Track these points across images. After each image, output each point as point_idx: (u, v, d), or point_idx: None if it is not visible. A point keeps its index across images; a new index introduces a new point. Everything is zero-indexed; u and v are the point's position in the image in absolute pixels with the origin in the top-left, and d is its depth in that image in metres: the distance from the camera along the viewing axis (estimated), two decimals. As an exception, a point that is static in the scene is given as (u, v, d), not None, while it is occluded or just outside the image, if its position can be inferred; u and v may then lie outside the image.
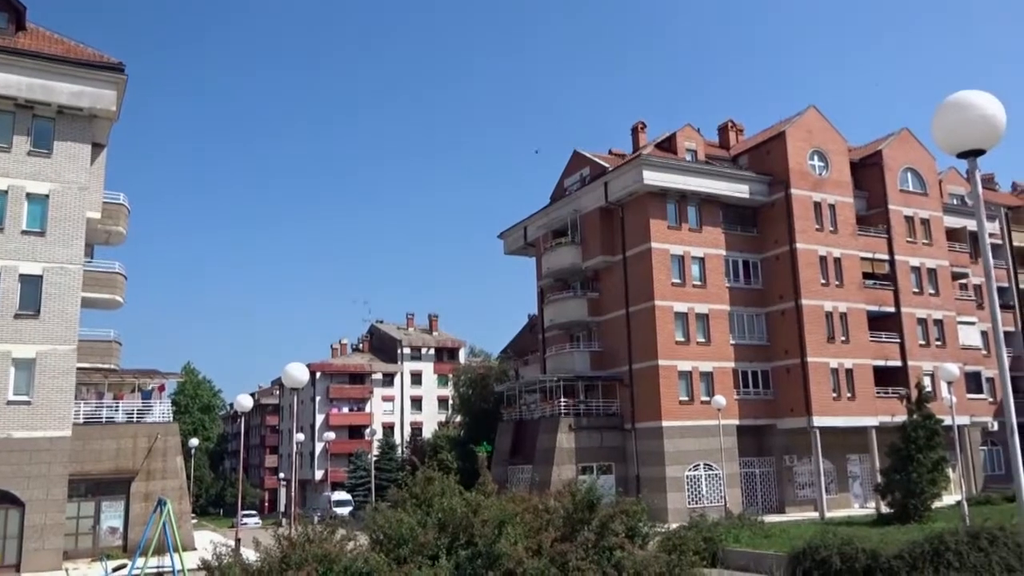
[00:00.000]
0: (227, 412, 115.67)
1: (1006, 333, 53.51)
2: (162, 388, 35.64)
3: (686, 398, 38.85)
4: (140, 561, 19.46)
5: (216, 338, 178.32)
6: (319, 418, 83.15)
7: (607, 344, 42.51)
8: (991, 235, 53.74)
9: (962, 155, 7.64)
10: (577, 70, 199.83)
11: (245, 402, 27.39)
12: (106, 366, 33.99)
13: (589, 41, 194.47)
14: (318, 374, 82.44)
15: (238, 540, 24.52)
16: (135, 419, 31.80)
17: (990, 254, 7.86)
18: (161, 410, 32.97)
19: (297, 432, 55.01)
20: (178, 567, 18.57)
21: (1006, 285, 54.71)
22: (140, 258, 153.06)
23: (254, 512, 75.82)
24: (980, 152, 7.56)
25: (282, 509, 77.45)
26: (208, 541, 19.53)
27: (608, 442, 40.04)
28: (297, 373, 19.09)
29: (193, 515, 45.27)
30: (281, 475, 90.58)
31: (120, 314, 41.91)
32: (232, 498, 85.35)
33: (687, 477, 38.02)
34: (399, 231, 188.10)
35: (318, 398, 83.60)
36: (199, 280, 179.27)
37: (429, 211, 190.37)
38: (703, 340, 40.00)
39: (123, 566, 21.70)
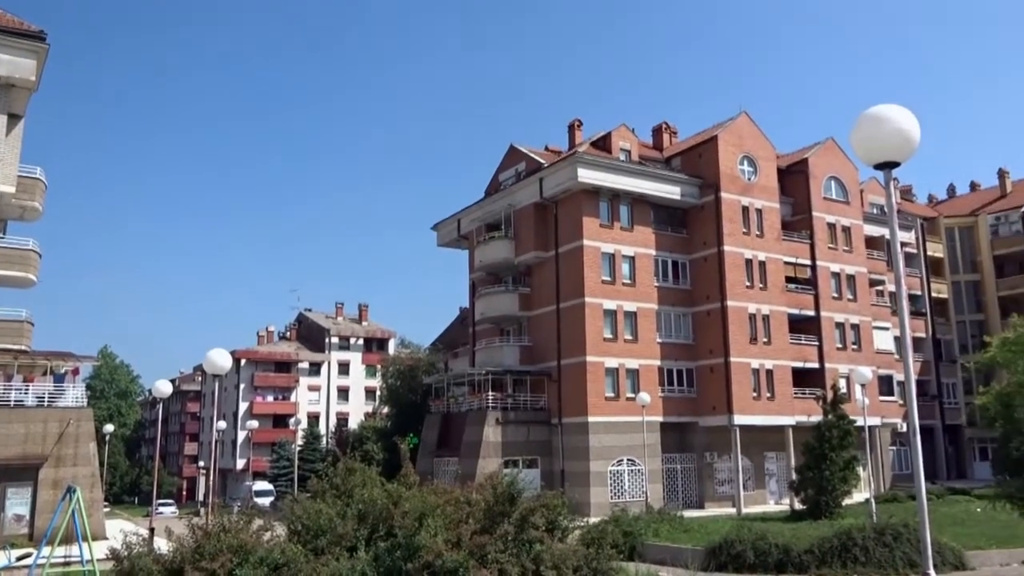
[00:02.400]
0: (146, 398, 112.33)
1: (917, 339, 55.93)
2: (76, 372, 34.35)
3: (612, 394, 39.38)
4: (46, 550, 18.72)
5: (137, 322, 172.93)
6: (243, 406, 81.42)
7: (537, 339, 42.76)
8: (907, 244, 56.04)
9: (879, 166, 7.91)
10: (516, 65, 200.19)
11: (164, 388, 26.56)
12: (16, 347, 32.51)
13: (530, 36, 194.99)
14: (243, 361, 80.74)
15: (151, 530, 23.79)
16: (46, 403, 30.59)
17: (901, 262, 8.18)
18: (74, 394, 31.78)
19: (219, 420, 53.77)
20: (86, 557, 17.93)
21: (919, 293, 57.12)
22: (58, 237, 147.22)
23: (171, 501, 73.85)
24: (895, 164, 7.85)
25: (201, 498, 75.62)
26: (119, 530, 18.92)
27: (535, 436, 40.30)
28: (219, 359, 18.65)
29: (106, 504, 43.79)
30: (201, 463, 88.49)
31: (34, 293, 40.23)
32: (148, 486, 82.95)
33: (611, 472, 38.56)
34: (330, 220, 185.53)
35: (242, 386, 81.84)
36: (121, 261, 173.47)
37: (361, 201, 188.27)
38: (631, 338, 40.60)
39: (28, 555, 20.87)
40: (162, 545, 14.14)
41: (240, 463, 79.01)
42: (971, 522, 26.54)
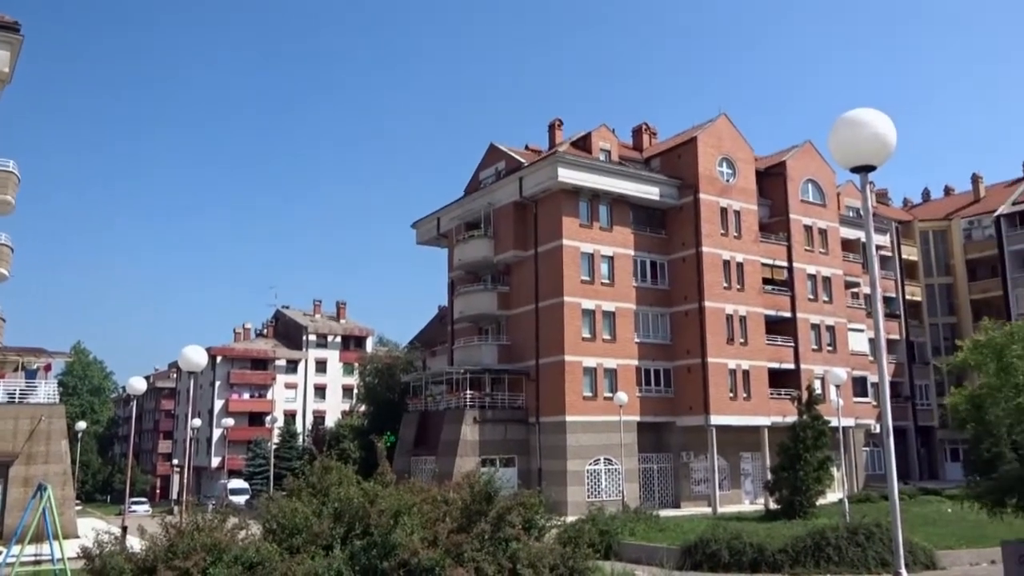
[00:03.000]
0: (119, 395, 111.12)
1: (891, 341, 56.58)
2: (48, 368, 33.87)
3: (590, 394, 39.49)
4: (16, 549, 18.46)
5: (111, 319, 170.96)
6: (218, 404, 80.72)
7: (515, 338, 42.78)
8: (882, 248, 56.69)
9: (855, 169, 7.99)
10: (499, 64, 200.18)
11: (138, 385, 26.28)
12: (-13, 342, 32.04)
13: (510, 36, 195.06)
14: (219, 358, 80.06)
15: (124, 528, 23.55)
16: (17, 399, 30.11)
17: (876, 265, 8.28)
18: (46, 391, 31.31)
19: (194, 417, 53.26)
20: (57, 556, 17.69)
21: (893, 295, 57.79)
22: (31, 232, 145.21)
23: (144, 499, 73.04)
24: (871, 168, 7.93)
25: (175, 497, 74.92)
26: (91, 529, 18.69)
27: (512, 435, 40.32)
28: (195, 356, 18.51)
29: (78, 502, 43.27)
30: (175, 461, 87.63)
31: (5, 288, 39.65)
32: (121, 484, 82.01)
33: (588, 471, 38.67)
34: (309, 217, 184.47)
35: (218, 383, 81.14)
36: (95, 257, 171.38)
37: (341, 198, 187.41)
38: (609, 337, 40.74)
39: (-3, 553, 20.53)
40: (135, 544, 13.99)
41: (215, 461, 78.34)
42: (942, 522, 26.91)
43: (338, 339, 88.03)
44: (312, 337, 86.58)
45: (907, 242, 60.10)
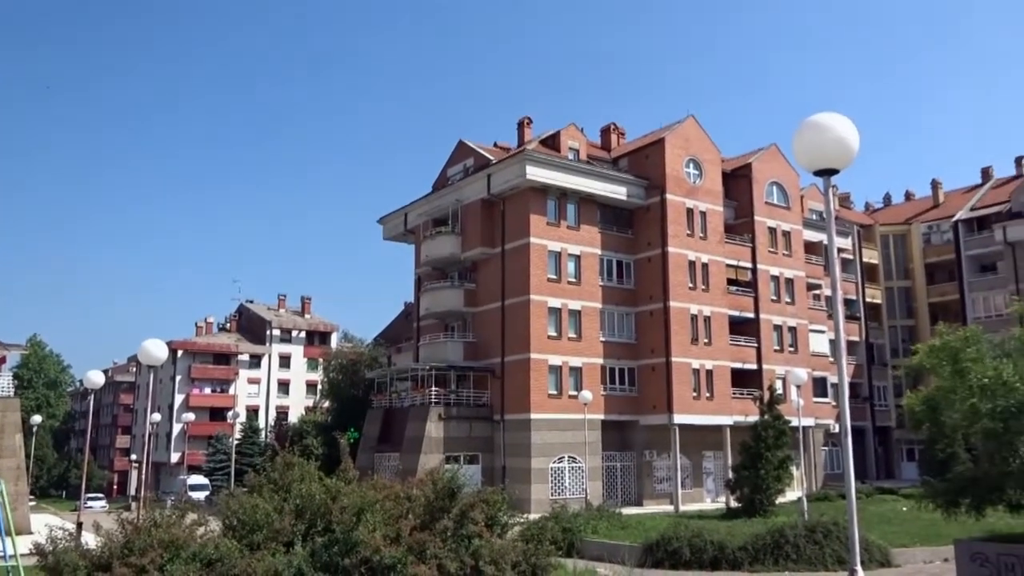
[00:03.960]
0: (76, 389, 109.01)
1: (851, 343, 57.49)
2: (2, 360, 33.17)
3: (555, 392, 39.62)
4: (-34, 545, 17.99)
5: (69, 311, 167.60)
6: (179, 398, 79.62)
7: (481, 335, 42.75)
8: (844, 251, 57.61)
9: (818, 173, 8.11)
10: (468, 61, 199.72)
11: (96, 378, 25.70)
12: (-61, 334, 31.22)
13: (482, 32, 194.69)
14: (180, 352, 78.99)
15: (79, 524, 23.07)
16: (-31, 392, 29.41)
17: (837, 266, 8.41)
18: (0, 384, 30.64)
19: (153, 412, 52.41)
20: (9, 552, 17.29)
21: (854, 298, 58.75)
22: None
23: (101, 495, 71.73)
24: (834, 171, 8.06)
25: (132, 492, 73.71)
26: (44, 525, 18.30)
27: (477, 432, 40.32)
28: (155, 350, 18.19)
29: (32, 497, 42.38)
30: (133, 457, 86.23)
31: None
32: (77, 480, 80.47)
33: (551, 469, 38.80)
34: (275, 210, 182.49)
35: (179, 377, 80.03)
36: (53, 249, 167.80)
37: (306, 192, 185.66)
38: (574, 336, 40.89)
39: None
40: (90, 540, 13.71)
41: (175, 456, 77.28)
42: (898, 521, 27.45)
43: (302, 334, 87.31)
44: (276, 332, 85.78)
45: (868, 245, 61.13)
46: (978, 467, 16.38)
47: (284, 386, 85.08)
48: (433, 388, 40.02)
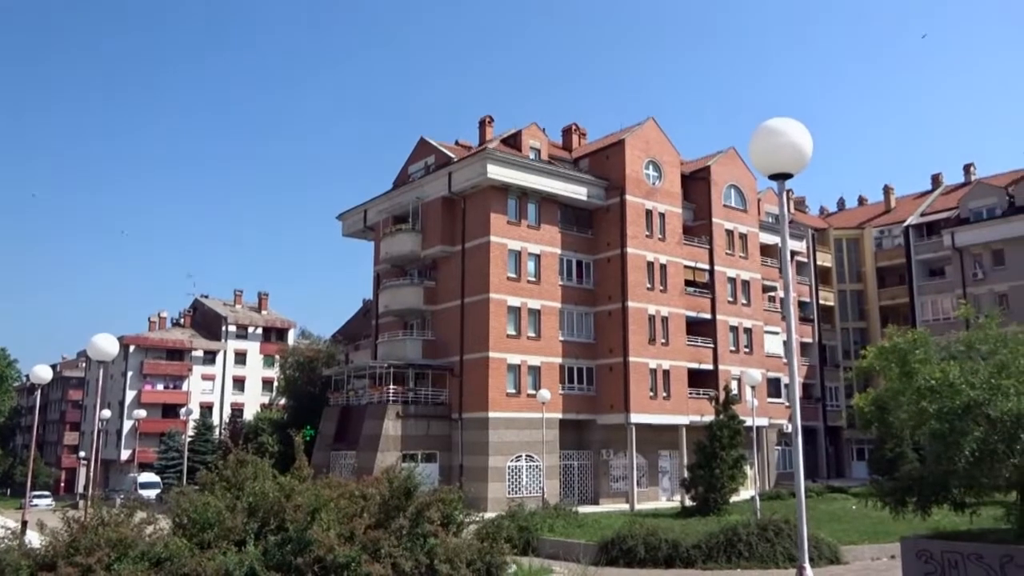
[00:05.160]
0: (23, 384, 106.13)
1: (804, 344, 58.53)
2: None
3: (513, 390, 39.67)
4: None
5: (16, 304, 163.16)
6: (130, 394, 78.01)
7: (440, 333, 42.63)
8: (799, 254, 58.60)
9: (773, 176, 8.26)
10: (430, 59, 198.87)
11: (43, 373, 25.07)
12: None
13: (446, 32, 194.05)
14: (131, 347, 77.51)
15: (24, 523, 22.49)
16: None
17: (790, 268, 8.57)
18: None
19: (103, 408, 51.32)
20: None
21: (808, 300, 59.78)
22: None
23: (47, 493, 70.01)
24: (789, 175, 8.20)
25: (80, 490, 72.05)
26: (-13, 523, 17.78)
27: (435, 431, 40.20)
28: (105, 345, 17.85)
29: (-26, 495, 41.09)
30: (82, 454, 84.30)
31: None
32: (22, 477, 78.43)
33: (509, 467, 38.85)
34: (231, 204, 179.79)
35: (130, 373, 78.43)
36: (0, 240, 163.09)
37: (265, 186, 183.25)
38: (534, 335, 41.00)
39: None
40: (34, 539, 13.36)
41: (125, 454, 75.75)
42: (847, 519, 28.00)
43: (259, 330, 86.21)
44: (232, 328, 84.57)
45: (822, 249, 62.24)
46: (925, 467, 16.78)
47: (239, 383, 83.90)
48: (391, 386, 39.82)
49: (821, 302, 60.92)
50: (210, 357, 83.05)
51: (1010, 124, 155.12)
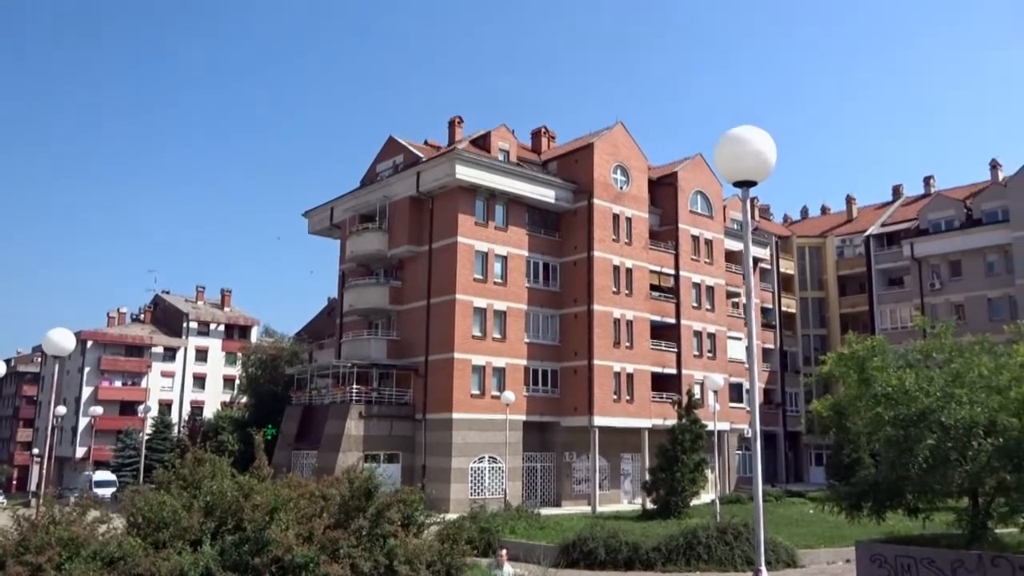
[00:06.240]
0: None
1: (766, 350, 59.29)
2: None
3: (478, 392, 39.64)
4: None
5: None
6: (87, 391, 76.47)
7: (405, 334, 42.46)
8: (762, 261, 59.36)
9: (738, 184, 8.37)
10: (400, 57, 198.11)
11: (-4, 368, 24.54)
12: None
13: (416, 29, 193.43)
14: (89, 343, 75.97)
15: (-27, 521, 21.94)
16: None
17: (751, 273, 8.66)
18: None
19: (58, 405, 50.27)
20: None
21: (771, 307, 60.60)
22: None
23: (-1, 491, 68.42)
24: (753, 183, 8.31)
25: (33, 488, 70.47)
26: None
27: (398, 431, 40.01)
28: (61, 340, 17.54)
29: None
30: (35, 451, 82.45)
31: None
32: (-27, 474, 76.62)
33: (472, 469, 38.80)
34: (196, 199, 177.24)
35: (87, 369, 76.89)
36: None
37: (229, 183, 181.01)
38: (499, 336, 41.00)
39: None
40: (-18, 538, 13.04)
41: (80, 451, 74.24)
42: (804, 523, 28.42)
43: (221, 327, 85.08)
44: (193, 324, 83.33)
45: (785, 256, 63.14)
46: (880, 472, 17.12)
47: (200, 380, 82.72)
48: (355, 386, 39.55)
49: (783, 309, 61.77)
50: (170, 354, 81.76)
51: (969, 138, 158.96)
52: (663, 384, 45.21)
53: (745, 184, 8.25)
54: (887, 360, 16.77)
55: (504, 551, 12.10)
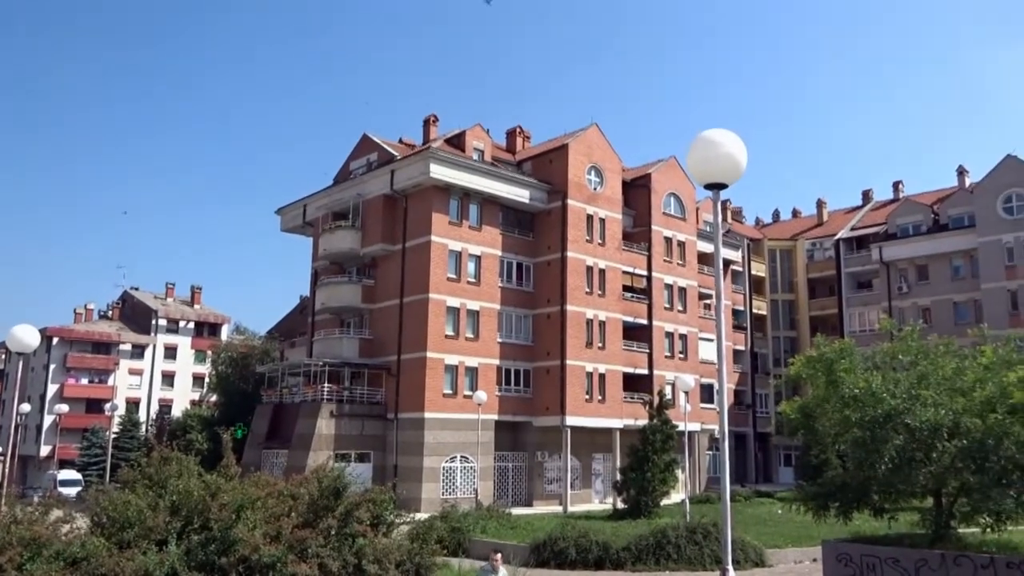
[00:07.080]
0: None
1: (737, 351, 59.78)
2: None
3: (450, 391, 39.57)
4: None
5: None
6: (52, 388, 75.16)
7: (378, 332, 42.27)
8: (734, 262, 59.86)
9: (709, 186, 8.44)
10: (372, 54, 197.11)
11: (-42, 364, 24.10)
12: None
13: (391, 26, 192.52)
14: (55, 339, 74.70)
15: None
16: None
17: (722, 275, 8.72)
18: None
19: (22, 402, 49.35)
20: None
21: (742, 308, 61.11)
22: None
23: (-40, 490, 66.96)
24: (723, 185, 8.38)
25: (-4, 487, 69.09)
26: None
27: (369, 430, 39.83)
28: (25, 336, 17.19)
29: None
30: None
31: None
32: (-66, 472, 74.85)
33: (443, 468, 38.72)
34: (166, 194, 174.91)
35: (53, 366, 75.56)
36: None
37: (200, 178, 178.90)
38: (472, 336, 40.95)
39: None
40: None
41: (45, 450, 72.99)
42: (772, 522, 28.71)
43: (191, 325, 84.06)
44: (162, 322, 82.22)
45: (757, 259, 63.70)
46: (847, 473, 17.33)
47: (169, 378, 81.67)
48: (326, 384, 39.31)
49: (754, 311, 62.30)
50: (138, 351, 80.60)
51: (938, 143, 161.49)
52: (635, 384, 45.43)
53: (716, 186, 8.31)
54: (854, 362, 17.01)
55: (499, 554, 11.98)
